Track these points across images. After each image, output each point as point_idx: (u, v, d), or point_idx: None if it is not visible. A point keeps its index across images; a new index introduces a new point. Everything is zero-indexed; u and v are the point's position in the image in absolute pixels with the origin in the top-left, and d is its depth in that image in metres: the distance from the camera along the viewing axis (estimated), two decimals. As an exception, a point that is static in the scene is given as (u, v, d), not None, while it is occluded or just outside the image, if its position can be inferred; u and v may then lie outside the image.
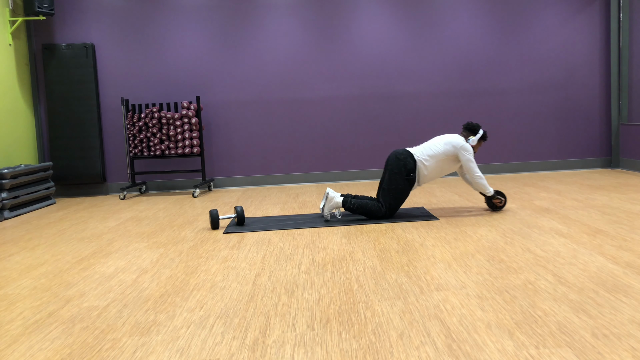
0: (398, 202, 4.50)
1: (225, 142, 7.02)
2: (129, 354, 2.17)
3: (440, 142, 4.54)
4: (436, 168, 4.53)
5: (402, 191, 4.49)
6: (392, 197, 4.48)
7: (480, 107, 7.10)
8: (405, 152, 4.54)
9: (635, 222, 4.00)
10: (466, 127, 4.64)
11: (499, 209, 4.66)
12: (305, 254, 3.57)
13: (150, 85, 6.92)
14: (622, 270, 2.91)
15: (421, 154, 4.53)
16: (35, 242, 4.32)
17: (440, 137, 4.60)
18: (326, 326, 2.35)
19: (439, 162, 4.51)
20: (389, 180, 4.49)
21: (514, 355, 2.01)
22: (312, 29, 6.95)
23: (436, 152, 4.51)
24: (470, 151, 4.51)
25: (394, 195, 4.48)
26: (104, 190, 7.00)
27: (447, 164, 4.54)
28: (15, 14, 6.48)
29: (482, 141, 4.67)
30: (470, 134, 4.61)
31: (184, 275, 3.20)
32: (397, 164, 4.48)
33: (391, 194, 4.48)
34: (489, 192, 4.57)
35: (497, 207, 4.65)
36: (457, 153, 4.49)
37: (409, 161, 4.48)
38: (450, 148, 4.49)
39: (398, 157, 4.51)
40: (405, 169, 4.46)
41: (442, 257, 3.34)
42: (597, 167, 7.23)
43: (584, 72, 7.14)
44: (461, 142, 4.50)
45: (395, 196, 4.48)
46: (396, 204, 4.50)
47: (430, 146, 4.55)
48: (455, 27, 7.02)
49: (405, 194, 4.51)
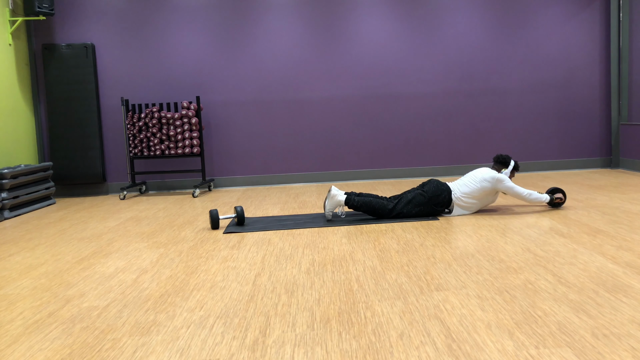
0: (410, 214, 4.52)
1: (225, 142, 7.03)
2: (129, 354, 2.17)
3: (475, 179, 4.52)
4: (473, 205, 4.55)
5: (420, 212, 4.53)
6: (409, 208, 4.50)
7: (480, 107, 7.10)
8: (446, 185, 4.55)
9: (635, 222, 4.00)
10: (497, 161, 4.65)
11: (563, 204, 4.70)
12: (305, 254, 3.57)
13: (150, 85, 6.92)
14: (622, 270, 2.91)
15: (459, 192, 4.53)
16: (35, 242, 4.32)
17: (473, 174, 4.56)
18: (326, 326, 2.35)
19: (476, 200, 4.53)
20: (418, 200, 4.50)
21: (514, 355, 2.01)
22: (312, 29, 6.95)
23: (473, 189, 4.50)
24: (507, 179, 4.50)
25: (412, 209, 4.51)
26: (104, 190, 7.00)
27: (485, 198, 4.55)
28: (15, 14, 6.48)
29: (514, 172, 4.66)
30: (502, 167, 4.63)
31: (184, 275, 3.20)
32: (435, 193, 4.49)
33: (411, 208, 4.50)
34: (545, 199, 4.59)
35: (561, 204, 4.66)
36: (496, 187, 4.48)
37: (445, 196, 4.49)
38: (487, 185, 4.47)
39: (440, 187, 4.52)
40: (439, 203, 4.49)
41: (442, 257, 3.34)
42: (597, 167, 7.23)
43: (584, 72, 7.14)
44: (495, 175, 4.47)
45: (411, 211, 4.51)
46: (407, 214, 4.52)
47: (467, 183, 4.55)
48: (456, 27, 7.02)
49: (421, 213, 4.54)
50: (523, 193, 4.52)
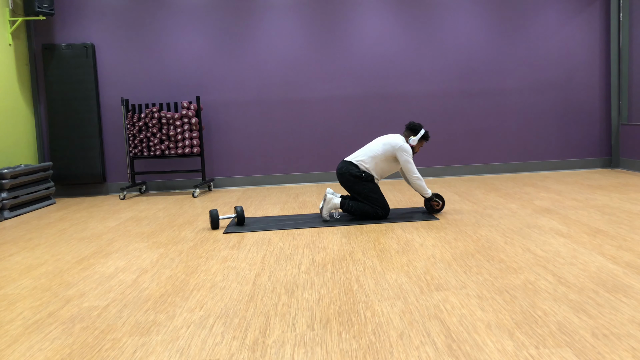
0: (379, 197, 4.53)
1: (225, 142, 7.03)
2: (129, 354, 2.17)
3: (379, 143, 4.58)
4: (377, 167, 4.56)
5: (372, 189, 4.53)
6: (371, 198, 4.52)
7: (480, 107, 7.10)
8: (343, 164, 4.59)
9: (635, 222, 4.00)
10: (408, 127, 4.66)
11: (437, 212, 4.66)
12: (305, 254, 3.57)
13: (150, 85, 6.92)
14: (622, 270, 2.91)
15: (360, 157, 4.58)
16: (35, 242, 4.32)
17: (380, 138, 4.64)
18: (326, 326, 2.35)
19: (379, 163, 4.55)
20: (356, 191, 4.54)
21: (514, 355, 2.01)
22: (312, 29, 6.95)
23: (375, 153, 4.54)
24: (409, 152, 4.52)
25: (370, 196, 4.52)
26: (104, 190, 7.00)
27: (387, 164, 4.57)
28: (15, 14, 6.48)
29: (423, 141, 4.66)
30: (412, 133, 4.63)
31: (184, 275, 3.20)
32: (345, 178, 4.54)
33: (369, 197, 4.52)
34: (426, 193, 4.58)
35: (435, 209, 4.65)
36: (395, 153, 4.50)
37: (351, 169, 4.52)
38: (389, 148, 4.52)
39: (340, 172, 4.57)
40: (355, 176, 4.51)
41: (442, 257, 3.34)
42: (597, 167, 7.23)
43: (584, 72, 7.14)
44: (400, 143, 4.51)
45: (372, 196, 4.52)
46: (380, 200, 4.53)
47: (370, 147, 4.60)
48: (456, 27, 7.02)
49: (376, 188, 4.55)
50: (414, 173, 4.51)
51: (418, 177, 4.52)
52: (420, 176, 4.53)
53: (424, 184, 4.56)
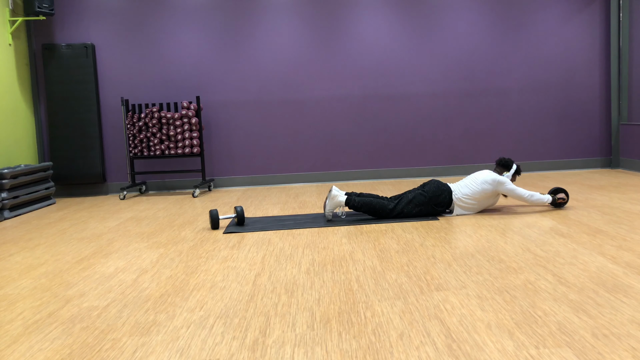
0: (410, 214, 4.52)
1: (225, 142, 7.03)
2: (129, 354, 2.17)
3: (476, 181, 4.52)
4: (473, 206, 4.54)
5: (421, 212, 4.52)
6: (409, 208, 4.50)
7: (481, 107, 7.10)
8: (447, 186, 4.55)
9: (635, 222, 4.00)
10: (499, 164, 4.65)
11: (566, 204, 4.71)
12: (305, 254, 3.57)
13: (150, 85, 6.92)
14: (622, 270, 2.91)
15: (459, 193, 4.54)
16: (35, 242, 4.32)
17: (475, 176, 4.57)
18: (326, 326, 2.35)
19: (476, 201, 4.53)
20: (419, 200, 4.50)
21: (514, 355, 2.01)
22: (312, 29, 6.95)
23: (474, 191, 4.50)
24: (508, 181, 4.49)
25: (412, 209, 4.50)
26: (104, 190, 7.00)
27: (485, 200, 4.54)
28: (15, 14, 6.48)
29: (516, 175, 4.66)
30: (504, 169, 4.63)
31: (184, 275, 3.20)
32: (436, 193, 4.49)
33: (411, 207, 4.50)
34: (547, 201, 4.58)
35: (563, 204, 4.65)
36: (497, 189, 4.48)
37: (446, 197, 4.50)
38: (488, 187, 4.47)
39: (440, 187, 4.52)
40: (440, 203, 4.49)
41: (442, 257, 3.34)
42: (597, 167, 7.23)
43: (584, 72, 7.14)
44: (497, 178, 4.48)
45: (412, 211, 4.51)
46: (407, 214, 4.52)
47: (468, 185, 4.55)
48: (456, 27, 7.02)
49: (422, 213, 4.53)
50: (525, 195, 4.52)
51: (531, 195, 4.53)
52: (532, 193, 4.54)
53: (538, 195, 4.55)
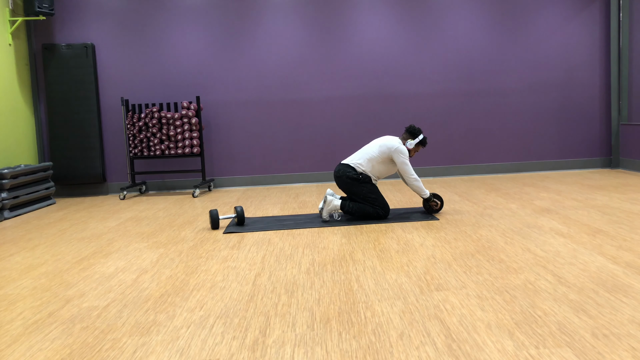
0: (378, 197, 4.54)
1: (225, 142, 7.03)
2: (129, 354, 2.17)
3: (375, 145, 4.60)
4: (374, 169, 4.57)
5: (370, 189, 4.54)
6: (370, 199, 4.53)
7: (480, 107, 7.10)
8: (340, 167, 4.60)
9: (635, 222, 4.00)
10: (407, 130, 4.67)
11: (435, 212, 4.66)
12: (305, 254, 3.57)
13: (150, 85, 6.92)
14: (622, 270, 2.91)
15: (356, 160, 4.59)
16: (35, 242, 4.32)
17: (377, 140, 4.65)
18: (326, 326, 2.35)
19: (375, 165, 4.56)
20: (354, 193, 4.54)
21: (514, 355, 2.01)
22: (313, 29, 6.95)
23: (372, 155, 4.55)
24: (405, 153, 4.53)
25: (369, 197, 4.52)
26: (104, 190, 7.00)
27: (384, 166, 4.58)
28: (15, 14, 6.48)
29: (420, 146, 4.68)
30: (410, 137, 4.65)
31: (184, 275, 3.20)
32: (342, 181, 4.55)
33: (367, 198, 4.53)
34: (424, 194, 4.59)
35: (433, 210, 4.65)
36: (391, 155, 4.52)
37: (348, 172, 4.53)
38: (385, 150, 4.53)
39: (338, 175, 4.58)
40: (352, 178, 4.52)
41: (442, 257, 3.34)
42: (597, 167, 7.23)
43: (584, 72, 7.14)
44: (396, 145, 4.53)
45: (371, 197, 4.52)
46: (380, 199, 4.54)
47: (367, 150, 4.61)
48: (456, 27, 7.02)
49: (374, 189, 4.56)
50: (412, 175, 4.53)
51: (415, 179, 4.53)
52: (417, 177, 4.54)
53: (422, 184, 4.56)
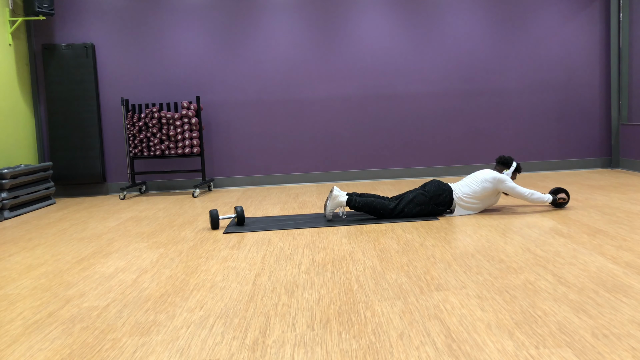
0: (411, 214, 4.52)
1: (225, 142, 7.03)
2: (129, 354, 2.17)
3: (476, 180, 4.53)
4: (475, 205, 4.55)
5: (421, 211, 4.52)
6: (410, 208, 4.50)
7: (480, 107, 7.10)
8: (448, 186, 4.55)
9: (635, 222, 4.00)
10: (499, 162, 4.65)
11: (566, 204, 4.69)
12: (305, 254, 3.57)
13: (150, 85, 6.92)
14: (622, 270, 2.91)
15: (460, 192, 4.54)
16: (35, 242, 4.32)
17: (475, 175, 4.58)
18: (326, 326, 2.35)
19: (477, 200, 4.53)
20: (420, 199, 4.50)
21: (514, 355, 2.01)
22: (312, 29, 6.95)
23: (475, 190, 4.50)
24: (508, 179, 4.50)
25: (413, 209, 4.50)
26: (104, 190, 7.00)
27: (486, 198, 4.55)
28: (15, 14, 6.48)
29: (516, 173, 4.67)
30: (504, 167, 4.63)
31: (184, 275, 3.20)
32: (436, 193, 4.50)
33: (412, 207, 4.50)
34: (548, 200, 4.58)
35: (564, 204, 4.65)
36: (497, 187, 4.48)
37: (447, 196, 4.50)
38: (488, 185, 4.48)
39: (441, 186, 4.53)
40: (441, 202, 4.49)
41: (442, 257, 3.34)
42: (597, 167, 7.23)
43: (584, 72, 7.14)
44: (497, 176, 4.48)
45: (412, 210, 4.51)
46: (408, 213, 4.52)
47: (469, 184, 4.55)
48: (456, 27, 7.02)
49: (423, 213, 4.53)
50: (525, 193, 4.52)
51: (532, 193, 4.53)
52: (532, 191, 4.54)
53: (539, 194, 4.55)
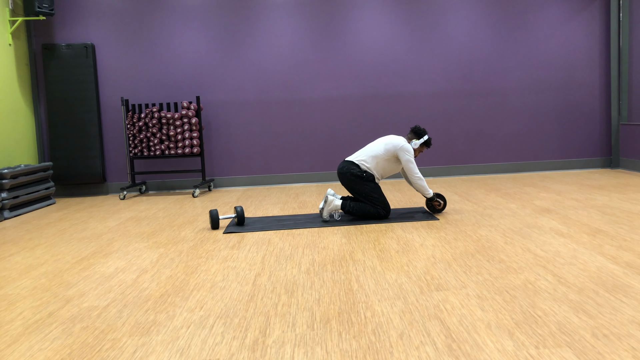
0: (380, 196, 4.55)
1: (225, 142, 7.03)
2: (129, 354, 2.17)
3: (381, 143, 4.62)
4: (378, 167, 4.58)
5: (373, 188, 4.55)
6: (372, 198, 4.53)
7: (480, 107, 7.10)
8: (344, 164, 4.61)
9: (635, 222, 4.00)
10: (412, 130, 4.69)
11: (438, 212, 4.68)
12: (305, 254, 3.57)
13: (150, 85, 6.92)
14: (622, 270, 2.91)
15: (361, 157, 4.60)
16: (35, 242, 4.32)
17: (382, 138, 4.68)
18: (326, 326, 2.35)
19: (380, 162, 4.57)
20: (357, 191, 4.55)
21: (514, 355, 2.01)
22: (312, 29, 6.95)
23: (377, 152, 4.57)
24: (411, 152, 4.56)
25: (371, 196, 4.53)
26: (104, 190, 7.00)
27: (389, 164, 4.59)
28: (15, 14, 6.48)
29: (424, 147, 4.69)
30: (415, 137, 4.67)
31: (184, 275, 3.20)
32: (346, 178, 4.56)
33: (370, 197, 4.53)
34: (428, 193, 4.61)
35: (436, 209, 4.67)
36: (397, 153, 4.53)
37: (353, 169, 4.54)
38: (391, 148, 4.55)
39: (341, 172, 4.59)
40: (356, 175, 4.53)
41: (442, 257, 3.34)
42: (597, 167, 7.23)
43: (584, 72, 7.14)
44: (401, 143, 4.55)
45: (373, 196, 4.53)
46: (382, 199, 4.54)
47: (372, 147, 4.63)
48: (456, 27, 7.02)
49: (377, 188, 4.57)
50: (416, 173, 4.54)
51: (420, 177, 4.55)
52: (421, 176, 4.56)
53: (426, 184, 4.58)
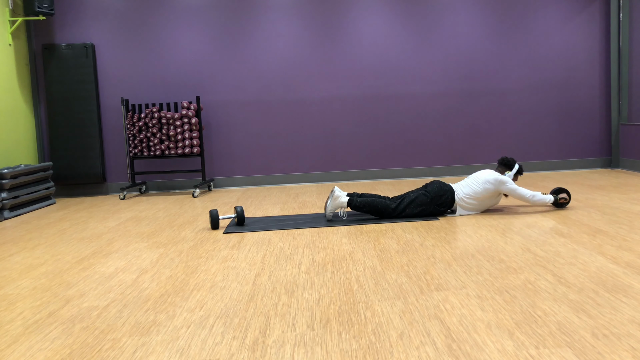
0: (412, 214, 4.52)
1: (225, 142, 7.03)
2: (129, 354, 2.17)
3: (478, 181, 4.52)
4: (476, 206, 4.54)
5: (423, 212, 4.52)
6: (412, 208, 4.50)
7: (480, 107, 7.10)
8: (449, 186, 4.55)
9: (635, 222, 4.00)
10: (501, 163, 4.64)
11: (567, 204, 4.67)
12: (305, 254, 3.57)
13: (150, 85, 6.92)
14: (622, 270, 2.91)
15: (461, 193, 4.53)
16: (35, 242, 4.32)
17: (477, 175, 4.57)
18: (326, 326, 2.35)
19: (478, 201, 4.52)
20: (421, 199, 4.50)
21: (514, 355, 2.01)
22: (312, 29, 6.95)
23: (476, 191, 4.50)
24: (509, 181, 4.49)
25: (414, 209, 4.50)
26: (104, 190, 7.00)
27: (487, 199, 4.54)
28: (15, 14, 6.48)
29: (518, 175, 4.65)
30: (506, 169, 4.62)
31: (184, 275, 3.20)
32: (438, 193, 4.49)
33: (413, 207, 4.50)
34: (549, 201, 4.57)
35: (565, 204, 4.64)
36: (498, 189, 4.48)
37: (448, 197, 4.49)
38: (489, 186, 4.47)
39: (443, 187, 4.52)
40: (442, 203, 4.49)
41: (442, 257, 3.34)
42: (597, 167, 7.23)
43: (584, 72, 7.14)
44: (498, 177, 4.47)
45: (414, 211, 4.50)
46: (409, 214, 4.51)
47: (470, 184, 4.55)
48: (456, 27, 7.02)
49: (424, 213, 4.53)
50: (526, 195, 4.51)
51: (533, 195, 4.52)
52: (533, 193, 4.53)
53: (540, 195, 4.54)
